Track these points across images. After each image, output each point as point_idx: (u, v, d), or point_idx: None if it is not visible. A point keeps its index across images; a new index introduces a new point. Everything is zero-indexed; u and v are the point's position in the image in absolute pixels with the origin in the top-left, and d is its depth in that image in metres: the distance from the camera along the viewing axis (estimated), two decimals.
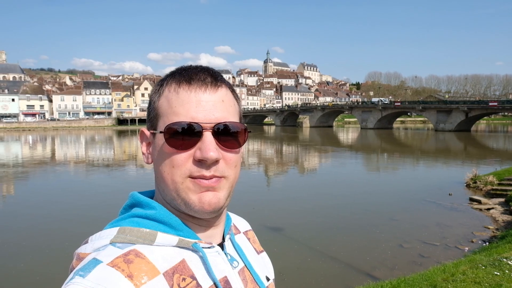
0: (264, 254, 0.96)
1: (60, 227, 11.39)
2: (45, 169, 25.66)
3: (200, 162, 0.71)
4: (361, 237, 10.34)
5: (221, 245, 0.80)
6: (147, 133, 0.79)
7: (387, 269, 7.93)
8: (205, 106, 0.73)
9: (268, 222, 11.78)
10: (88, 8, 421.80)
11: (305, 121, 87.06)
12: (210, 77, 0.75)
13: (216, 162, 0.72)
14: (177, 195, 0.73)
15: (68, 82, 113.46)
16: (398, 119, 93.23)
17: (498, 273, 4.25)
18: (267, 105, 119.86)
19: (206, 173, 0.71)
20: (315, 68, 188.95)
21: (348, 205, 14.14)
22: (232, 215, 0.96)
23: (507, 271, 4.29)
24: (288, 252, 9.14)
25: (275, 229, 10.96)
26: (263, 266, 0.90)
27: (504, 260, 4.66)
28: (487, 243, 8.83)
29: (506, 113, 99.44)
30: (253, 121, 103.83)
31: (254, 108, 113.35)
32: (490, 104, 63.91)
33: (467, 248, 8.88)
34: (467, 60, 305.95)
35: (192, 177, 0.71)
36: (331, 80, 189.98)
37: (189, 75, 0.75)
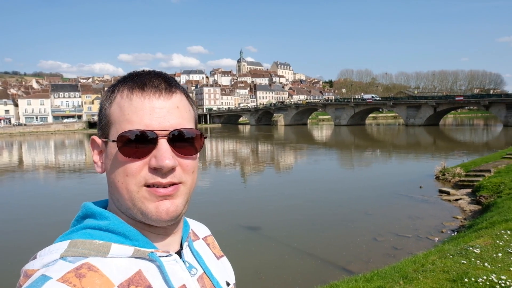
0: (225, 259, 0.95)
1: (11, 240, 10.79)
2: (11, 176, 24.68)
3: (156, 170, 0.70)
4: (337, 232, 10.52)
5: (179, 252, 0.79)
6: (99, 141, 0.76)
7: (362, 263, 8.10)
8: (160, 113, 0.71)
9: (245, 220, 11.80)
10: (55, 9, 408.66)
11: (280, 119, 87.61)
12: (164, 82, 0.74)
13: (172, 169, 0.71)
14: (132, 205, 0.71)
15: (35, 86, 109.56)
16: (370, 115, 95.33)
17: (465, 261, 4.44)
18: (241, 105, 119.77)
19: (163, 180, 0.70)
20: (288, 67, 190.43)
21: (323, 201, 14.34)
22: (190, 221, 0.94)
23: (473, 259, 4.49)
24: (266, 250, 9.18)
25: (252, 228, 10.99)
26: (223, 271, 0.90)
27: (470, 248, 4.87)
28: (456, 233, 9.17)
29: (471, 107, 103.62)
30: (228, 120, 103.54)
31: (229, 108, 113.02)
32: (457, 98, 66.46)
33: (437, 239, 9.19)
34: (435, 56, 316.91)
35: (147, 185, 0.70)
36: (304, 79, 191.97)
37: (142, 81, 0.73)
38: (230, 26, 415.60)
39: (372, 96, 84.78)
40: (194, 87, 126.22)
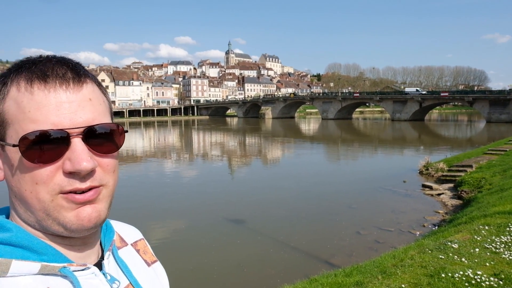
0: (157, 264, 0.86)
1: None
2: None
3: (72, 174, 0.61)
4: (321, 226, 10.64)
5: (100, 264, 0.71)
6: None
7: (345, 256, 8.21)
8: (69, 108, 0.61)
9: (231, 213, 11.83)
10: None
11: (268, 112, 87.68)
12: (71, 71, 0.64)
13: (91, 171, 0.62)
14: (46, 215, 0.61)
15: None
16: (357, 109, 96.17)
17: (443, 257, 4.54)
18: (229, 97, 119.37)
19: (81, 185, 0.61)
20: (276, 60, 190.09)
21: (309, 194, 14.46)
22: (117, 224, 0.85)
23: (451, 254, 4.59)
24: (251, 244, 9.22)
25: (238, 220, 11.02)
26: (155, 279, 0.82)
27: (449, 243, 4.97)
28: (437, 227, 9.35)
29: (456, 103, 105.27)
30: (216, 113, 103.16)
31: (216, 100, 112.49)
32: (442, 94, 67.52)
33: (418, 233, 9.37)
34: (421, 51, 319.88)
35: (63, 192, 0.61)
36: (292, 72, 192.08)
37: (42, 70, 0.62)
38: (218, 17, 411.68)
39: (417, 90, 76.77)
40: (181, 78, 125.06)
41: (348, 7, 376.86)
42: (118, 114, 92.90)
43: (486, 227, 5.86)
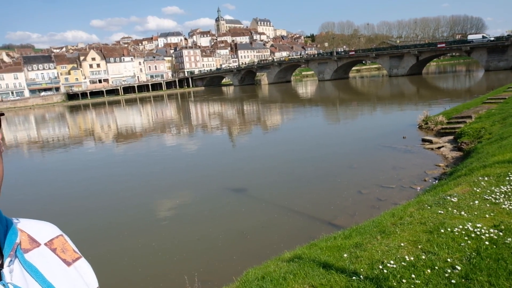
0: (80, 262, 0.76)
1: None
2: None
3: None
4: (324, 188, 10.72)
5: None
6: None
7: (348, 216, 8.30)
8: None
9: (234, 183, 11.90)
10: None
11: (263, 78, 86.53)
12: None
13: None
14: None
15: (6, 59, 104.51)
16: (353, 68, 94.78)
17: (442, 212, 4.53)
18: (223, 66, 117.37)
19: None
20: (268, 23, 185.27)
21: (310, 158, 14.48)
22: (27, 223, 0.75)
23: (450, 209, 4.59)
24: (255, 211, 9.31)
25: (242, 189, 11.08)
26: (77, 279, 0.72)
27: (448, 198, 4.96)
28: (437, 181, 9.39)
29: (453, 54, 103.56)
30: (211, 83, 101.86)
31: (210, 69, 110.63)
32: (439, 45, 66.16)
33: (419, 188, 9.42)
34: (416, 3, 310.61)
35: None
36: (285, 34, 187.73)
37: None
38: None
39: (483, 36, 65.63)
40: (173, 50, 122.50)
41: None
42: (112, 92, 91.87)
43: (486, 178, 5.84)
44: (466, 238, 3.73)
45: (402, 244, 3.76)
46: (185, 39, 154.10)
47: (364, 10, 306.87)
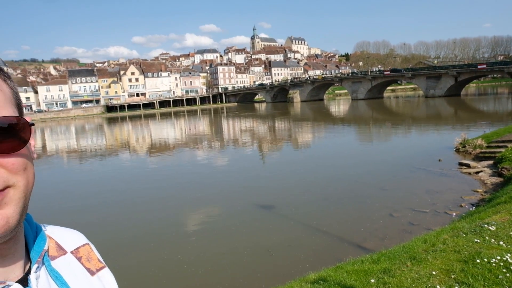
0: (104, 272, 0.76)
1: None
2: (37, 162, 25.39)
3: None
4: (354, 208, 10.45)
5: (26, 279, 0.61)
6: None
7: (378, 239, 8.03)
8: None
9: (263, 199, 11.85)
10: None
11: (296, 96, 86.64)
12: None
13: None
14: None
15: (53, 72, 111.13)
16: (388, 87, 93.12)
17: (478, 240, 4.28)
18: (256, 82, 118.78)
19: None
20: (303, 42, 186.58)
21: (341, 177, 14.24)
22: (56, 230, 0.75)
23: (487, 238, 4.32)
24: (282, 229, 9.21)
25: (270, 206, 11.02)
26: None
27: (486, 226, 4.69)
28: (475, 207, 8.93)
29: (495, 75, 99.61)
30: (244, 99, 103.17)
31: (244, 86, 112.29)
32: (479, 67, 63.86)
33: (455, 213, 8.99)
34: (455, 24, 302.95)
35: None
36: (319, 53, 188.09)
37: None
38: (242, 2, 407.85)
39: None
40: (208, 67, 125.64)
41: None
42: (149, 105, 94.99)
43: None
44: (504, 270, 3.50)
45: (433, 273, 3.57)
46: (221, 56, 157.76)
47: (401, 30, 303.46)
